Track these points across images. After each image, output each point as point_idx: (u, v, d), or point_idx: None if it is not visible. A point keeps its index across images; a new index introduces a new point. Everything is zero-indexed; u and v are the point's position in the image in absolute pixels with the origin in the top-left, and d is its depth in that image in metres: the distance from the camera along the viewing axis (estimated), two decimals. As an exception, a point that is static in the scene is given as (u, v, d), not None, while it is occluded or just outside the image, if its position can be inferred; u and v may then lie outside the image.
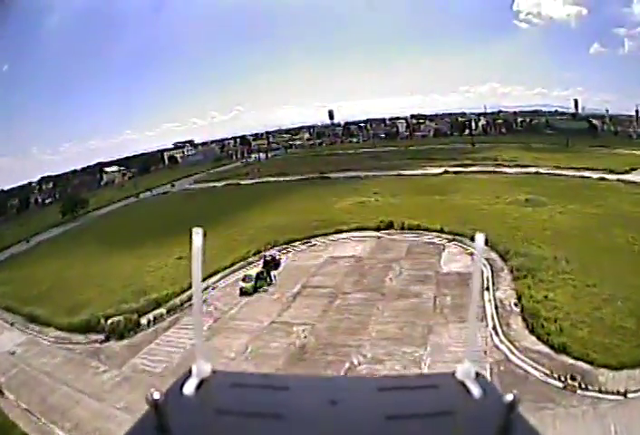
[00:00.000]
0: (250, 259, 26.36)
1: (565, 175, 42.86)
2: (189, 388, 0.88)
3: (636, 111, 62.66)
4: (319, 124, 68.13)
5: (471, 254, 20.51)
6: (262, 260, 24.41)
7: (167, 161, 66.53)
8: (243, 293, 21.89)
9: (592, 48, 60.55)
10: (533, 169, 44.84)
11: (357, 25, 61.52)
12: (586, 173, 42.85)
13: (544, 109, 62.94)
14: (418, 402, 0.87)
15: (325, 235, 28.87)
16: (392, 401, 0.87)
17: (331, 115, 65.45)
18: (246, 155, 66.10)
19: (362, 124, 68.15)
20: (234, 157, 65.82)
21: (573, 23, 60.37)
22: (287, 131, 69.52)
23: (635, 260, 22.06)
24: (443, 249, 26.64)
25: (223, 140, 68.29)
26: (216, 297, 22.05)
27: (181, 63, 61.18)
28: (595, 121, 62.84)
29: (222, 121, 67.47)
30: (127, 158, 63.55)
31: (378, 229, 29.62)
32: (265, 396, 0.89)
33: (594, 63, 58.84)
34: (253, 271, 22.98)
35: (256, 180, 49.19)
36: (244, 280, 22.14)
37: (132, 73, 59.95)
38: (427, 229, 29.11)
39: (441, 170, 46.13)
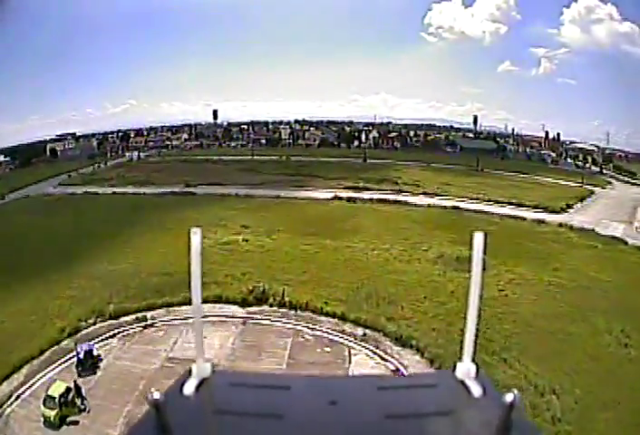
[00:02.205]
0: (65, 343, 22.04)
1: (492, 213, 42.28)
2: (190, 388, 1.04)
3: (546, 133, 71.17)
4: (203, 123, 75.78)
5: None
6: (75, 357, 21.13)
7: (48, 154, 72.62)
8: (48, 423, 18.67)
9: (501, 66, 69.26)
10: (449, 202, 44.66)
11: (259, 24, 69.38)
12: (518, 211, 43.64)
13: (438, 123, 72.13)
14: (418, 401, 1.03)
15: (170, 305, 23.89)
16: (392, 401, 1.03)
17: (215, 115, 72.13)
18: (121, 153, 72.69)
19: (244, 126, 75.75)
20: (109, 154, 72.20)
21: (487, 40, 69.17)
22: (170, 129, 76.62)
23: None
24: (349, 360, 19.52)
25: (106, 133, 76.06)
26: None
27: (84, 53, 66.81)
28: (501, 141, 70.18)
29: (113, 114, 75.40)
30: (15, 148, 70.04)
31: (244, 303, 24.62)
32: (265, 396, 1.04)
33: (500, 81, 68.89)
34: (56, 387, 19.48)
35: (118, 189, 50.49)
36: (44, 403, 19.13)
37: (35, 61, 64.90)
38: (320, 311, 23.15)
39: (330, 195, 44.55)
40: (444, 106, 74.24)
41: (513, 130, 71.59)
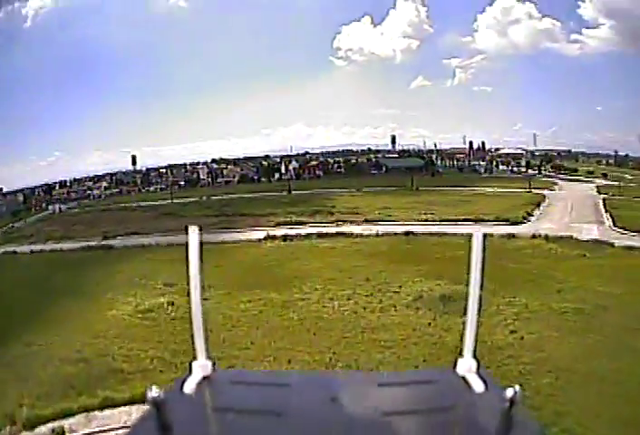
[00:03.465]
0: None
1: (451, 234, 40.47)
2: (190, 385, 1.14)
3: (470, 143, 75.74)
4: (123, 171, 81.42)
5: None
6: None
7: (-25, 211, 74.97)
8: None
9: (414, 82, 73.14)
10: (397, 228, 43.75)
11: (173, 70, 74.94)
12: (478, 228, 40.87)
13: (354, 148, 77.24)
14: (419, 397, 1.14)
15: (88, 409, 18.92)
16: (393, 397, 1.13)
17: (134, 161, 77.39)
18: (44, 206, 75.58)
19: (162, 170, 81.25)
20: (34, 209, 75.20)
21: (399, 57, 72.74)
22: (92, 179, 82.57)
23: None
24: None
25: (34, 188, 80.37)
26: None
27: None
28: (431, 157, 74.51)
29: (40, 167, 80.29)
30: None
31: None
32: (265, 393, 1.15)
33: (414, 98, 73.64)
34: None
35: (36, 246, 50.13)
36: None
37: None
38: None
39: (261, 235, 43.71)
40: (359, 130, 77.90)
41: (435, 144, 75.44)
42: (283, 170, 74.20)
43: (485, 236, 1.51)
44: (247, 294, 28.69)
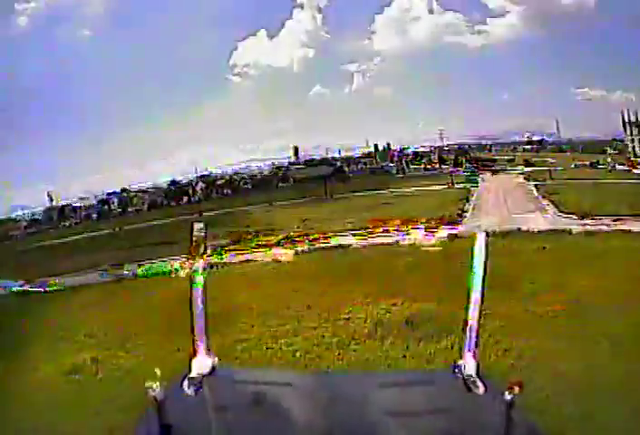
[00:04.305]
0: None
1: (387, 244, 39.83)
2: (190, 384, 1.24)
3: (375, 146, 78.46)
4: (41, 208, 79.50)
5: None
6: None
7: None
8: None
9: (312, 91, 75.21)
10: (325, 242, 42.48)
11: (77, 99, 72.55)
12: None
13: (255, 164, 80.00)
14: (419, 398, 1.23)
15: None
16: (393, 397, 1.23)
17: (50, 197, 76.58)
18: None
19: (76, 204, 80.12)
20: None
21: (296, 67, 74.78)
22: (12, 220, 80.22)
23: None
24: None
25: None
26: None
27: None
28: (337, 164, 76.69)
29: None
30: None
31: None
32: (265, 392, 1.23)
33: (313, 107, 75.53)
34: None
35: None
36: None
37: None
38: None
39: (178, 265, 41.11)
40: (260, 145, 79.93)
41: (340, 151, 77.92)
42: (191, 193, 75.33)
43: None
44: (180, 342, 24.67)
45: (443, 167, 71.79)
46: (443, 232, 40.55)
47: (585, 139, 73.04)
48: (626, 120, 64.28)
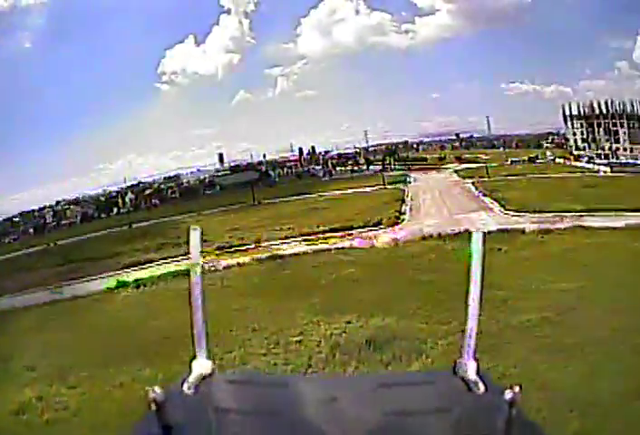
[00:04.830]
0: None
1: (325, 250, 39.04)
2: (190, 385, 1.24)
3: (300, 150, 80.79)
4: None
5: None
6: None
7: None
8: None
9: (236, 97, 77.84)
10: (259, 253, 41.20)
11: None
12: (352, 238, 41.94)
13: (184, 171, 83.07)
14: (418, 399, 1.22)
15: None
16: (392, 398, 1.22)
17: None
18: None
19: (15, 219, 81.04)
20: None
21: (221, 74, 77.39)
22: None
23: None
24: None
25: None
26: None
27: None
28: (263, 169, 79.34)
29: None
30: None
31: None
32: (265, 394, 1.26)
33: (237, 113, 78.87)
34: None
35: None
36: None
37: None
38: None
39: (112, 282, 41.30)
40: (186, 153, 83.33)
41: (264, 155, 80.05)
42: (120, 204, 76.70)
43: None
44: (123, 376, 24.85)
45: (371, 168, 72.67)
46: (385, 236, 39.44)
47: (520, 133, 74.44)
48: (567, 113, 65.54)
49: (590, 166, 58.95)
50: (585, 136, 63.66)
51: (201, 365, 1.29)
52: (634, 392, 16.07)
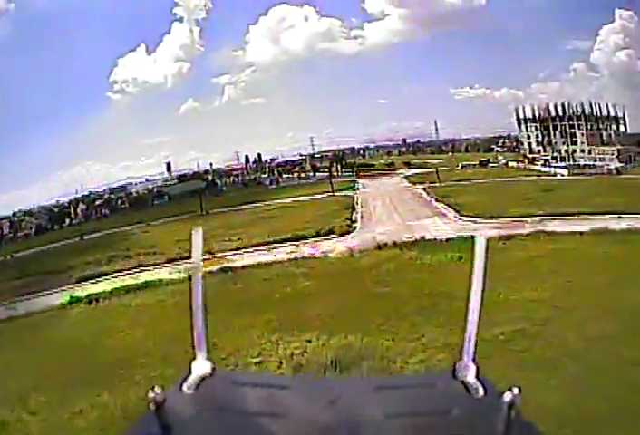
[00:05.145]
0: None
1: (277, 262, 37.61)
2: (189, 386, 1.25)
3: (246, 158, 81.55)
4: None
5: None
6: None
7: None
8: None
9: (184, 106, 78.23)
10: (208, 265, 37.43)
11: None
12: (307, 248, 40.62)
13: (133, 181, 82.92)
14: (417, 401, 1.22)
15: None
16: (392, 400, 1.23)
17: None
18: None
19: None
20: None
21: (170, 82, 77.82)
22: None
23: None
24: None
25: None
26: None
27: None
28: (209, 178, 79.97)
29: None
30: None
31: None
32: (264, 395, 1.26)
33: (185, 122, 79.12)
34: None
35: None
36: None
37: None
38: None
39: (66, 296, 40.17)
40: (135, 162, 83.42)
41: (211, 164, 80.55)
42: (72, 215, 76.81)
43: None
44: (73, 400, 23.70)
45: (317, 175, 72.38)
46: (338, 246, 38.07)
47: (469, 138, 75.04)
48: (521, 116, 65.61)
49: (547, 169, 59.00)
50: (540, 139, 63.90)
51: (201, 366, 1.28)
52: (623, 408, 15.17)
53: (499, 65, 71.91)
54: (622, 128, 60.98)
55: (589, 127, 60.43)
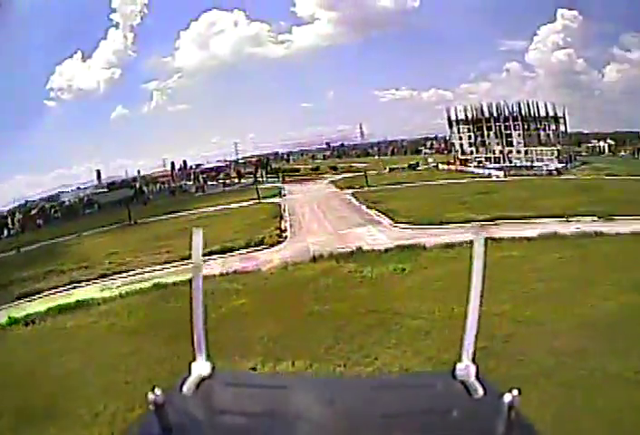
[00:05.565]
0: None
1: (214, 276, 33.97)
2: (189, 387, 1.27)
3: (172, 164, 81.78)
4: None
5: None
6: None
7: None
8: None
9: (114, 113, 78.17)
10: (138, 282, 37.46)
11: None
12: (239, 261, 38.51)
13: (65, 189, 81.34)
14: (416, 401, 1.24)
15: None
16: (391, 400, 1.24)
17: None
18: None
19: None
20: None
21: (102, 89, 77.34)
22: None
23: None
24: None
25: None
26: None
27: None
28: (137, 185, 79.14)
29: None
30: None
31: None
32: (264, 395, 1.28)
33: (114, 129, 77.96)
34: None
35: None
36: None
37: None
38: None
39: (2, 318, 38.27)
40: (67, 171, 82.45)
41: (139, 171, 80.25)
42: (10, 225, 75.02)
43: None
44: None
45: (242, 181, 72.08)
46: (270, 258, 35.95)
47: (395, 140, 74.89)
48: (453, 117, 65.13)
49: (480, 171, 58.44)
50: (472, 140, 63.65)
51: (201, 367, 1.27)
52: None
53: (428, 67, 71.66)
54: (562, 128, 61.40)
55: (526, 127, 60.52)
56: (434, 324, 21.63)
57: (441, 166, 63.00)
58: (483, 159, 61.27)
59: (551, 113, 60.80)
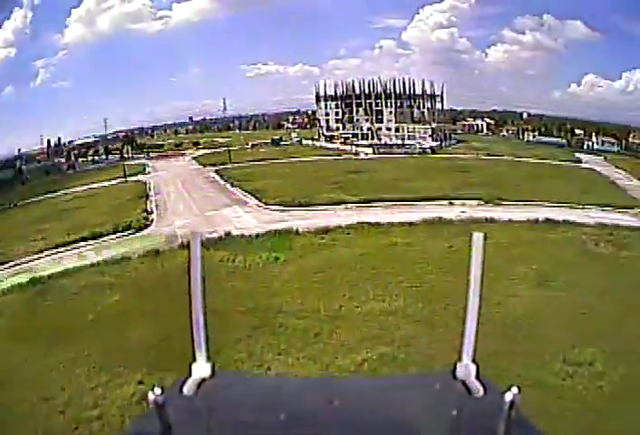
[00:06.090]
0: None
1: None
2: (189, 388, 1.21)
3: (48, 142, 74.71)
4: None
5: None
6: None
7: None
8: None
9: (5, 90, 73.71)
10: (18, 278, 29.73)
11: None
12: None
13: None
14: (417, 401, 1.19)
15: None
16: (391, 400, 1.20)
17: None
18: None
19: None
20: None
21: None
22: None
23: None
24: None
25: None
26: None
27: None
28: (16, 165, 72.32)
29: None
30: None
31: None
32: (264, 395, 1.23)
33: (3, 107, 72.41)
34: None
35: None
36: None
37: None
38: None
39: None
40: None
41: (19, 150, 73.70)
42: None
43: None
44: None
45: (110, 157, 68.74)
46: (138, 245, 30.96)
47: (257, 114, 72.83)
48: (321, 93, 61.52)
49: (347, 147, 55.14)
50: (340, 116, 60.45)
51: (201, 368, 1.23)
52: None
53: (298, 43, 73.02)
54: (438, 105, 59.24)
55: (399, 104, 57.91)
56: (322, 325, 18.19)
57: (305, 141, 59.92)
58: (350, 136, 58.38)
59: (428, 91, 58.70)
